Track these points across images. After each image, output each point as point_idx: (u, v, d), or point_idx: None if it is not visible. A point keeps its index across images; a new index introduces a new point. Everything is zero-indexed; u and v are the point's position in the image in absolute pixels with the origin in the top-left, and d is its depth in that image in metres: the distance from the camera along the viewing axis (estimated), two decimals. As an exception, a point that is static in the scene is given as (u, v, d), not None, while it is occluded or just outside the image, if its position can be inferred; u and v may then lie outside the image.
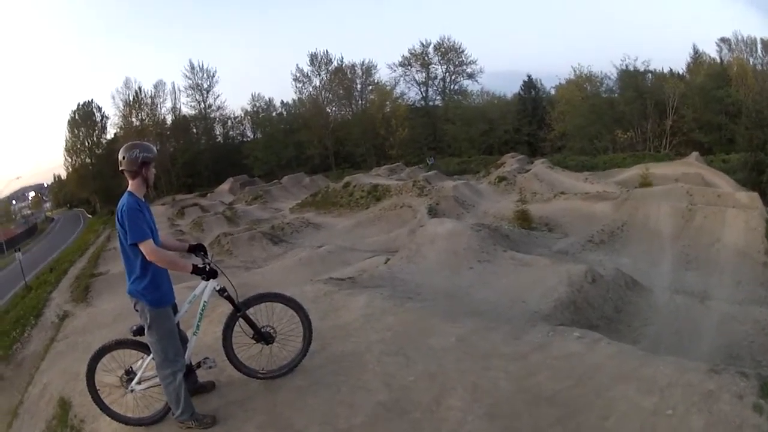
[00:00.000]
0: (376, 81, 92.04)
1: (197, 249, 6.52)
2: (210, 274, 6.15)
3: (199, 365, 6.49)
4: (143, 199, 5.85)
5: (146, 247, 5.53)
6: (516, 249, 15.94)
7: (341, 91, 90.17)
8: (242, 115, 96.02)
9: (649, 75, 74.63)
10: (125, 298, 6.00)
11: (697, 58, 79.62)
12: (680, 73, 77.56)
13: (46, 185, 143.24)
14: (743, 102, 63.05)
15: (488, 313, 9.68)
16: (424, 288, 12.52)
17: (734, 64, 74.04)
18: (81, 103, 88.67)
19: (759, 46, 75.06)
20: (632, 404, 5.59)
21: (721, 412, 5.16)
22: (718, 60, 77.65)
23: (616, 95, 75.84)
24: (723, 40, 78.19)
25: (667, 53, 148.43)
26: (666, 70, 76.38)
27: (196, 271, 5.97)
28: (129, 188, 5.75)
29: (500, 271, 13.56)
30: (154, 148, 5.91)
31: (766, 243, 17.30)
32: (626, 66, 75.37)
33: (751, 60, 74.77)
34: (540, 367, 6.64)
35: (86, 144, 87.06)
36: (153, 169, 5.82)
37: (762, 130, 45.01)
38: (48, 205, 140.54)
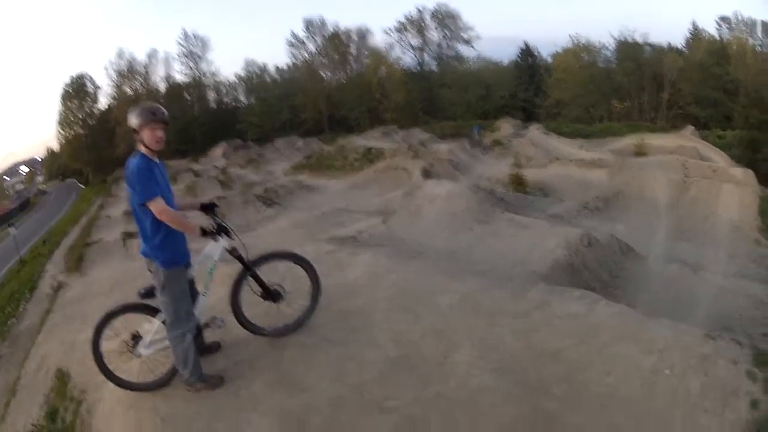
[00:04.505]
0: (371, 46, 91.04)
1: (209, 207, 6.49)
2: (220, 233, 6.16)
3: (207, 325, 6.52)
4: (157, 160, 5.84)
5: (155, 206, 5.51)
6: (512, 212, 15.89)
7: (336, 57, 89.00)
8: (236, 81, 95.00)
9: (648, 48, 74.38)
10: (121, 265, 6.03)
11: (696, 34, 78.99)
12: (679, 48, 77.35)
13: (39, 159, 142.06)
14: (741, 81, 63.09)
15: (490, 273, 9.64)
16: (426, 248, 12.57)
17: (734, 43, 73.63)
18: (74, 75, 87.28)
19: (759, 27, 74.58)
20: (632, 363, 5.70)
21: (716, 375, 5.28)
22: (718, 38, 77.20)
23: (613, 65, 75.57)
24: (723, 18, 77.43)
25: (665, 28, 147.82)
26: (664, 44, 76.18)
27: (204, 233, 5.98)
28: (139, 149, 5.74)
29: (499, 233, 13.53)
30: (154, 110, 5.75)
31: (759, 220, 17.40)
32: (625, 38, 75.01)
33: (750, 40, 74.41)
34: (543, 325, 6.72)
35: (79, 116, 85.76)
36: (154, 132, 5.68)
37: (759, 109, 45.20)
38: (41, 178, 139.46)
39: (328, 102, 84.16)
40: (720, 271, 14.19)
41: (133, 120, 5.63)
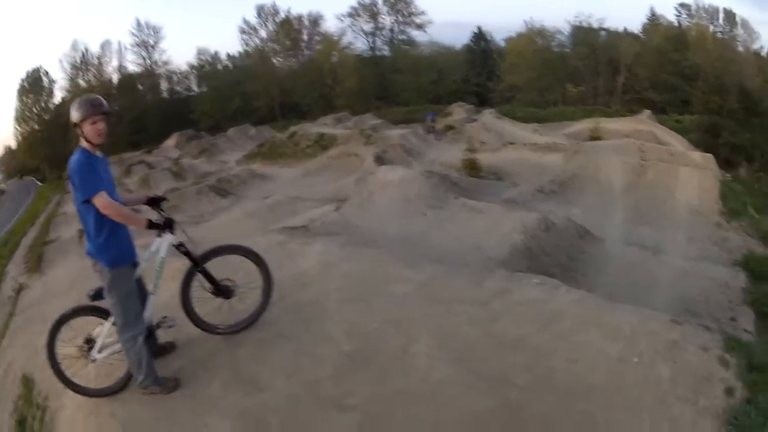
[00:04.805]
0: (323, 32, 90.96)
1: (156, 201, 6.27)
2: (166, 227, 5.95)
3: (158, 325, 6.31)
4: (99, 155, 5.63)
5: (99, 201, 5.30)
6: (466, 196, 15.83)
7: (288, 43, 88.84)
8: (188, 69, 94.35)
9: (603, 32, 75.15)
10: (77, 263, 5.83)
11: (654, 20, 79.96)
12: (636, 33, 78.10)
13: None
14: (700, 66, 64.05)
15: (445, 259, 9.60)
16: (378, 234, 12.48)
17: (693, 29, 74.70)
18: (30, 70, 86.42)
19: (721, 15, 75.72)
20: (598, 350, 5.68)
21: (686, 362, 5.27)
22: (676, 24, 78.21)
23: (568, 50, 76.24)
24: (683, 5, 78.64)
25: (623, 15, 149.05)
26: (621, 30, 76.95)
27: (151, 226, 5.77)
28: (80, 144, 5.53)
29: (453, 218, 13.52)
30: (93, 102, 5.50)
31: (720, 204, 17.51)
32: (580, 22, 75.76)
33: (711, 27, 75.45)
34: (503, 313, 6.68)
35: (35, 111, 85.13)
36: (95, 125, 5.43)
37: (719, 95, 45.98)
38: None
39: (280, 89, 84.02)
40: (680, 254, 14.32)
41: (74, 114, 5.41)
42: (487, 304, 6.95)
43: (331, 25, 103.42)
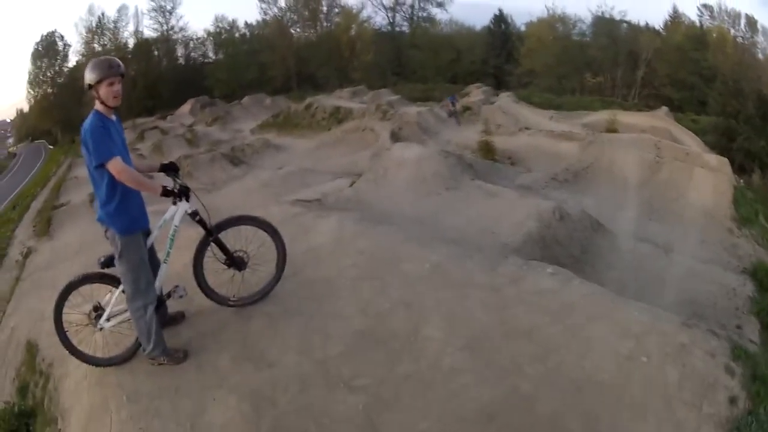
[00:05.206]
0: (342, 4, 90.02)
1: (169, 168, 6.16)
2: (181, 195, 5.87)
3: (169, 295, 6.24)
4: (113, 118, 5.54)
5: (113, 166, 5.21)
6: (481, 179, 15.75)
7: (306, 13, 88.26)
8: (205, 36, 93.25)
9: (625, 25, 74.77)
10: (88, 228, 5.76)
11: (676, 18, 79.25)
12: (657, 29, 77.56)
13: (9, 120, 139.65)
14: (719, 68, 63.58)
15: (459, 241, 9.53)
16: (393, 213, 12.46)
17: (714, 31, 74.09)
18: (44, 33, 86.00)
19: (743, 20, 75.07)
20: (608, 347, 5.65)
21: (694, 367, 5.24)
22: (698, 24, 77.63)
23: (588, 40, 75.84)
24: (705, 6, 77.86)
25: (645, 9, 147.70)
26: (642, 24, 76.43)
27: (166, 193, 5.68)
28: (94, 107, 5.44)
29: (468, 200, 13.47)
30: (110, 63, 5.39)
31: (732, 209, 17.33)
32: (602, 13, 75.24)
33: (732, 31, 74.88)
34: (516, 301, 6.64)
35: (48, 74, 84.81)
36: (111, 87, 5.33)
37: (737, 99, 45.66)
38: (11, 140, 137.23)
39: (297, 59, 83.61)
40: (691, 255, 14.17)
41: (89, 75, 5.31)
42: (500, 290, 6.90)
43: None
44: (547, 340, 5.86)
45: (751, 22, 73.30)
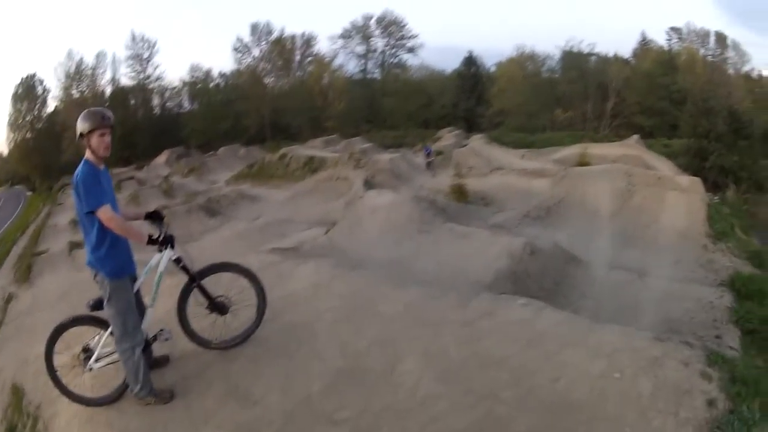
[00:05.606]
0: (315, 53, 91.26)
1: (154, 217, 6.41)
2: (166, 243, 6.10)
3: (155, 338, 6.39)
4: (102, 167, 5.76)
5: (103, 213, 5.43)
6: (454, 221, 15.95)
7: (280, 62, 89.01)
8: (180, 85, 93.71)
9: (593, 57, 75.90)
10: (67, 276, 5.93)
11: (645, 44, 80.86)
12: (626, 58, 78.99)
13: None
14: (689, 90, 64.61)
15: (432, 282, 9.70)
16: (368, 258, 12.65)
17: (684, 53, 75.59)
18: (24, 76, 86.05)
19: (712, 38, 76.49)
20: (581, 368, 5.83)
21: (667, 377, 5.42)
22: (667, 48, 79.08)
23: (557, 75, 76.77)
24: (674, 29, 79.68)
25: (615, 39, 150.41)
26: (611, 54, 77.85)
27: (152, 242, 5.90)
28: (85, 156, 5.66)
29: (441, 242, 13.67)
30: (103, 114, 5.71)
31: (707, 226, 17.62)
32: (570, 47, 76.66)
33: (702, 50, 76.22)
34: (488, 333, 6.83)
35: (27, 118, 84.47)
36: (103, 137, 5.61)
37: (707, 118, 46.40)
38: None
39: (271, 109, 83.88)
40: (666, 276, 14.35)
41: (82, 124, 5.57)
42: (473, 324, 7.09)
43: (323, 46, 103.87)
44: (520, 366, 6.03)
45: (720, 38, 75.66)
